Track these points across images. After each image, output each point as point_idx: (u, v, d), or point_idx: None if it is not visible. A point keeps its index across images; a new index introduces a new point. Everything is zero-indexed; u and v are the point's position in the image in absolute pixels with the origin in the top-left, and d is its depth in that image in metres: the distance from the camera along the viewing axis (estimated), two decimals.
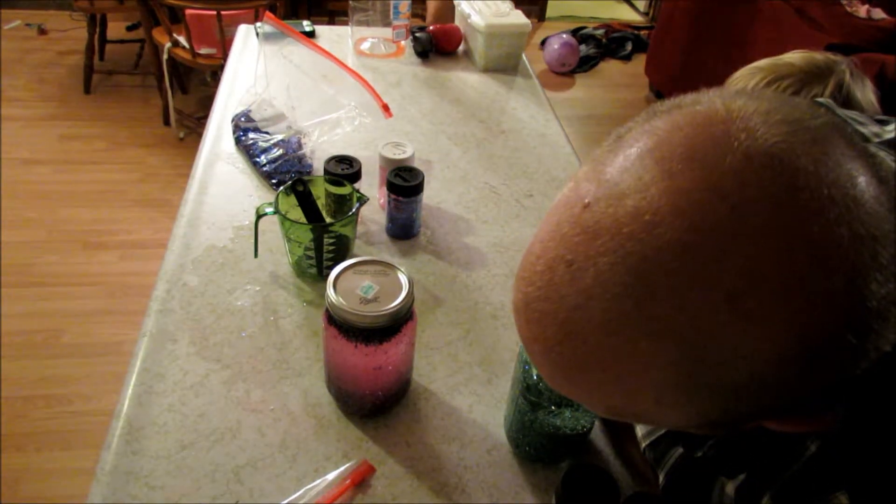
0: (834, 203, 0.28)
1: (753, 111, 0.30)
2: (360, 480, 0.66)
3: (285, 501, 0.64)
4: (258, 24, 1.50)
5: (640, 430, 0.56)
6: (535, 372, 0.60)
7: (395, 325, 0.64)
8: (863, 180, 0.29)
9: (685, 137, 0.30)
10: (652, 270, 0.28)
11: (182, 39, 2.36)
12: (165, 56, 2.46)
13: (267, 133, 1.11)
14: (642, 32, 3.90)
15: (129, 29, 3.36)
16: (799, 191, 0.28)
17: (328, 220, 0.89)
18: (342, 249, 0.87)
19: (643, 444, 0.55)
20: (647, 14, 4.35)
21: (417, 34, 1.47)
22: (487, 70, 1.46)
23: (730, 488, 0.42)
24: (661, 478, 0.52)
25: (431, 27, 1.48)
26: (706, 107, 0.31)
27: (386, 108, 1.10)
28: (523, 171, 1.15)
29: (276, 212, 0.81)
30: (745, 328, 0.28)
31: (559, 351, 0.32)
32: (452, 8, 1.56)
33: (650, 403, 0.32)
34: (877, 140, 0.43)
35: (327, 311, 0.64)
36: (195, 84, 3.07)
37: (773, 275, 0.28)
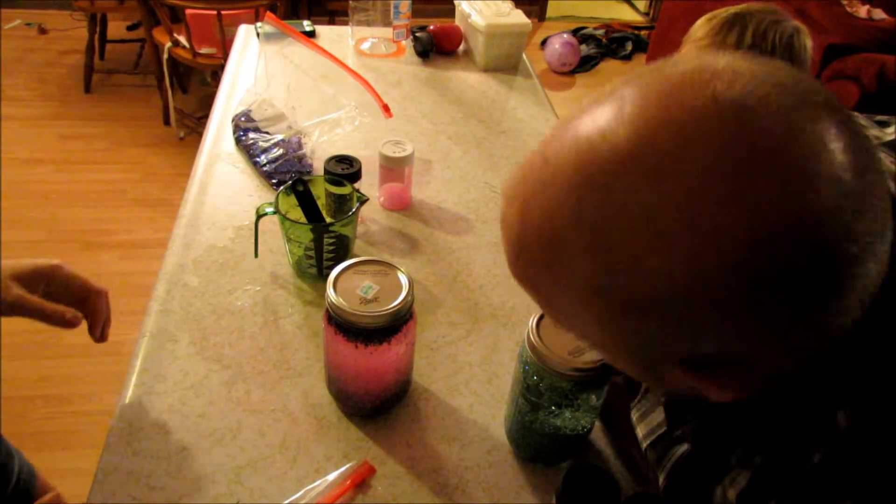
0: (787, 172, 0.30)
1: (741, 69, 0.32)
2: (361, 481, 0.66)
3: (286, 502, 0.63)
4: (259, 23, 1.50)
5: (640, 430, 0.56)
6: (534, 372, 0.60)
7: (395, 325, 0.64)
8: (834, 147, 0.31)
9: (668, 81, 0.33)
10: (594, 170, 0.33)
11: (182, 39, 2.36)
12: (166, 56, 2.45)
13: (267, 133, 1.11)
14: (642, 32, 3.90)
15: (129, 28, 3.36)
16: (753, 147, 0.30)
17: (328, 220, 0.89)
18: (342, 249, 0.87)
19: (644, 444, 0.55)
20: (647, 14, 4.35)
21: (418, 34, 1.47)
22: (488, 70, 1.46)
23: (731, 494, 0.42)
24: (661, 478, 0.52)
25: (431, 27, 1.48)
26: (699, 62, 0.34)
27: (386, 108, 1.10)
28: None
29: (276, 212, 0.81)
30: (655, 244, 0.31)
31: (516, 230, 0.37)
32: None
33: (575, 305, 0.36)
34: (876, 142, 0.43)
35: (327, 311, 0.64)
36: (195, 84, 3.06)
37: (690, 204, 0.30)
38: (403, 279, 0.65)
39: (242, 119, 1.13)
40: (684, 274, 0.31)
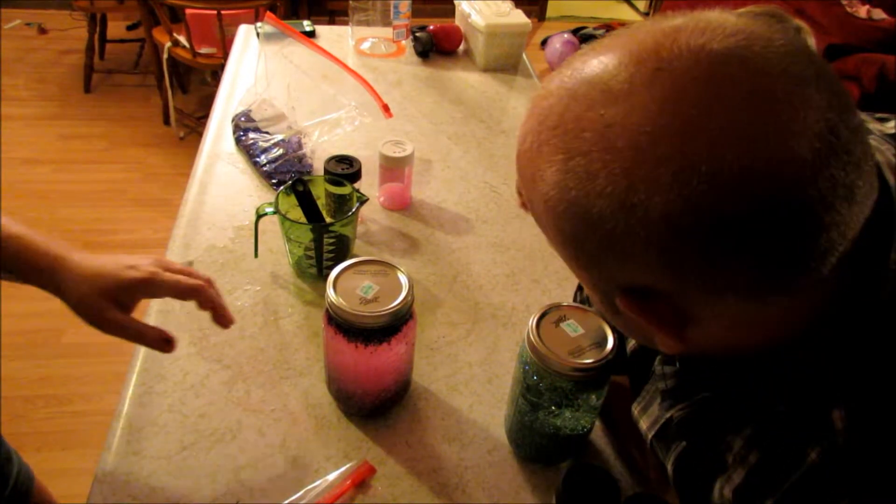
0: (756, 111, 0.32)
1: (733, 22, 0.34)
2: (361, 481, 0.66)
3: (286, 502, 0.63)
4: (258, 23, 1.50)
5: (643, 424, 0.56)
6: (534, 372, 0.60)
7: (395, 325, 0.64)
8: (812, 98, 0.32)
9: (660, 26, 0.36)
10: (580, 83, 0.37)
11: (182, 39, 2.36)
12: (166, 55, 2.45)
13: (267, 133, 1.11)
14: None
15: (129, 28, 3.36)
16: (724, 83, 0.32)
17: (328, 220, 0.89)
18: (342, 249, 0.87)
19: (649, 437, 0.55)
20: (647, 14, 4.35)
21: (418, 34, 1.47)
22: (488, 70, 1.46)
23: (727, 491, 0.42)
24: (669, 470, 0.53)
25: (431, 27, 1.48)
26: (693, 14, 0.36)
27: (386, 108, 1.10)
28: None
29: (276, 212, 0.81)
30: (606, 158, 0.34)
31: (531, 128, 0.40)
32: None
33: (543, 211, 0.40)
34: (879, 134, 0.43)
35: (327, 311, 0.64)
36: (195, 84, 3.06)
37: (641, 127, 0.33)
38: (403, 279, 0.65)
39: (242, 119, 1.13)
40: (628, 194, 0.34)
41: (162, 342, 0.61)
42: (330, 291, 0.63)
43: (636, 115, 0.33)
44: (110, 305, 0.59)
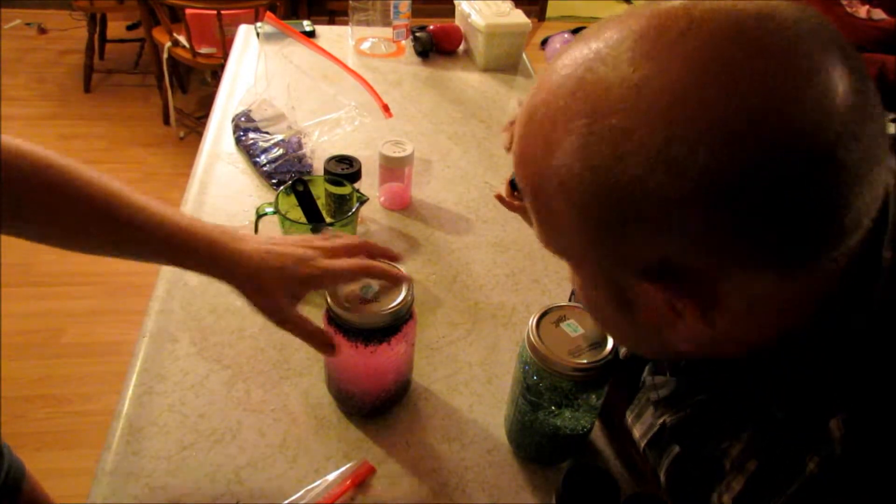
0: (787, 71, 0.31)
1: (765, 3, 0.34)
2: (361, 481, 0.66)
3: (286, 502, 0.63)
4: (258, 23, 1.50)
5: (636, 432, 0.56)
6: (534, 372, 0.60)
7: (395, 324, 0.64)
8: (835, 70, 0.32)
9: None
10: (600, 46, 0.35)
11: (182, 39, 2.36)
12: (165, 55, 2.45)
13: (267, 133, 1.10)
14: None
15: (129, 28, 3.36)
16: (757, 46, 0.31)
17: (328, 219, 0.89)
18: None
19: (642, 445, 0.55)
20: None
21: (418, 34, 1.47)
22: (488, 69, 1.46)
23: (727, 499, 0.42)
24: (661, 478, 0.52)
25: (431, 27, 1.48)
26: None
27: (386, 108, 1.10)
28: None
29: (276, 212, 0.81)
30: (640, 119, 0.32)
31: (541, 100, 0.37)
32: None
33: (556, 190, 0.36)
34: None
35: (327, 311, 0.64)
36: (195, 83, 3.06)
37: (679, 79, 0.31)
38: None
39: (242, 119, 1.13)
40: (667, 148, 0.32)
41: (329, 347, 0.63)
42: (330, 292, 0.63)
43: (674, 68, 0.32)
44: (289, 300, 0.61)
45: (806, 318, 0.37)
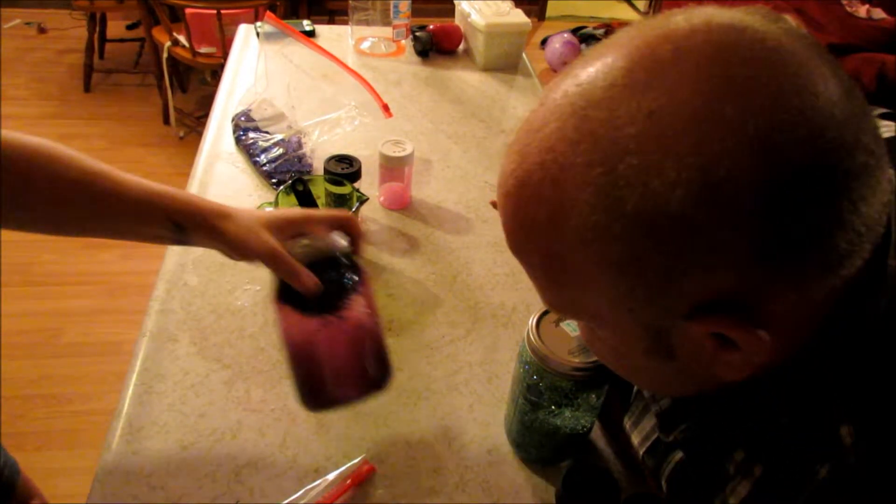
0: (786, 80, 0.31)
1: (732, 11, 0.33)
2: (361, 481, 0.66)
3: (286, 501, 0.63)
4: (258, 23, 1.50)
5: (635, 438, 0.56)
6: (534, 372, 0.60)
7: (344, 280, 0.61)
8: (827, 74, 0.31)
9: (657, 23, 0.34)
10: (593, 90, 0.33)
11: (182, 38, 2.36)
12: (165, 55, 2.45)
13: (267, 133, 1.10)
14: None
15: (128, 28, 3.36)
16: (749, 57, 0.31)
17: None
18: None
19: (640, 452, 0.55)
20: (646, 14, 4.35)
21: (417, 33, 1.47)
22: (488, 69, 1.46)
23: (733, 501, 0.42)
24: (663, 485, 0.52)
25: (431, 26, 1.48)
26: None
27: (386, 108, 1.10)
28: None
29: None
30: (661, 146, 0.30)
31: (515, 176, 0.36)
32: None
33: (576, 254, 0.34)
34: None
35: (276, 289, 0.61)
36: (195, 83, 3.06)
37: (691, 102, 0.30)
38: (338, 236, 0.63)
39: (242, 119, 1.13)
40: (707, 172, 0.30)
41: (314, 284, 0.60)
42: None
43: (681, 90, 0.31)
44: (270, 233, 0.61)
45: (817, 326, 0.37)
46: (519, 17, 1.44)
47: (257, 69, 1.19)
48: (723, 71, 0.31)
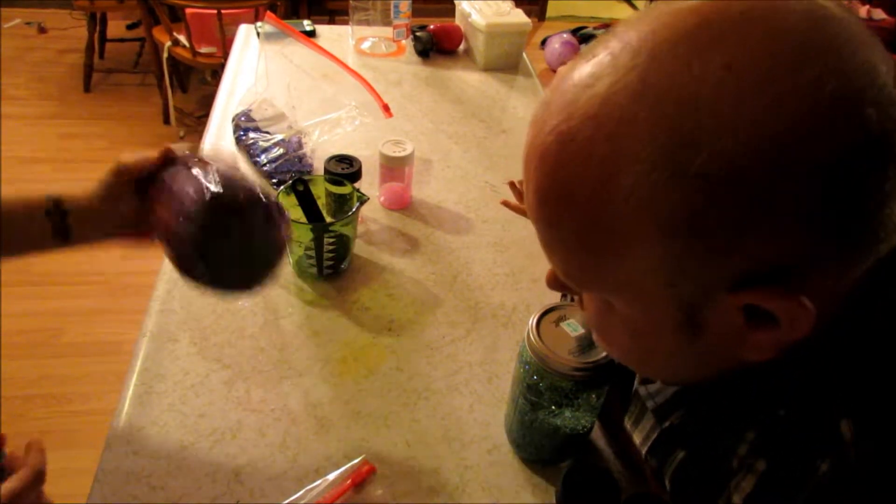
0: (843, 51, 0.30)
1: None
2: (361, 480, 0.66)
3: (286, 502, 0.63)
4: (259, 23, 1.50)
5: (636, 438, 0.56)
6: (534, 372, 0.60)
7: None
8: (878, 56, 0.31)
9: None
10: (659, 41, 0.31)
11: (182, 38, 2.36)
12: (166, 55, 2.45)
13: (267, 133, 1.10)
14: None
15: (129, 27, 3.36)
16: (823, 27, 0.30)
17: (328, 219, 0.89)
18: (342, 249, 0.87)
19: (643, 451, 0.55)
20: None
21: (418, 33, 1.47)
22: (488, 69, 1.46)
23: (737, 499, 0.41)
24: (667, 484, 0.52)
25: (432, 26, 1.48)
26: None
27: (386, 108, 1.10)
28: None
29: None
30: (733, 103, 0.29)
31: (555, 141, 0.34)
32: None
33: (628, 220, 0.32)
34: None
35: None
36: (195, 83, 3.06)
37: (768, 59, 0.29)
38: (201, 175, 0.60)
39: (242, 119, 1.13)
40: (767, 135, 0.29)
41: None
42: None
43: (757, 48, 0.29)
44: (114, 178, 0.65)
45: (839, 311, 0.36)
46: (519, 17, 1.44)
47: (258, 69, 1.19)
48: (800, 34, 0.30)
